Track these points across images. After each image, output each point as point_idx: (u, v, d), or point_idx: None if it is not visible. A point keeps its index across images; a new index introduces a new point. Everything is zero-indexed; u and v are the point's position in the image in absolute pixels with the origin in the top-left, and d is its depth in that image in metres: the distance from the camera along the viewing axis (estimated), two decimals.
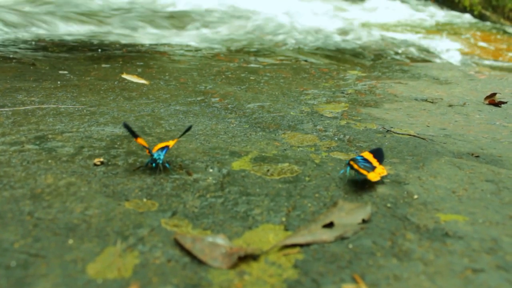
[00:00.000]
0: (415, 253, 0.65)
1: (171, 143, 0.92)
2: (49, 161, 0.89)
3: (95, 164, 0.89)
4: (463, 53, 3.39)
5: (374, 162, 0.90)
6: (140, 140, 0.88)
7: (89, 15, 3.14)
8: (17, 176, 0.81)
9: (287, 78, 1.82)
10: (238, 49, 2.80)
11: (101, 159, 0.91)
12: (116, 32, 2.92)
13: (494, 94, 1.55)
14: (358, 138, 1.13)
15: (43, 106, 1.24)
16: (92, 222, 0.69)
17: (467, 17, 5.15)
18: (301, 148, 1.04)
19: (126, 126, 0.87)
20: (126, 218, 0.71)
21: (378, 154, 0.94)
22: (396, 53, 3.15)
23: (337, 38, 3.42)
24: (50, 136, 1.01)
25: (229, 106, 1.36)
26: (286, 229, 0.70)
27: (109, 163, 0.90)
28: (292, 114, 1.30)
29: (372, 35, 3.60)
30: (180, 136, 0.96)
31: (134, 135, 0.88)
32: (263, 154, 0.98)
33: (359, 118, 1.31)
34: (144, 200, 0.77)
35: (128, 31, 2.99)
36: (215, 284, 0.57)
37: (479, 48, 3.68)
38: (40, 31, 2.74)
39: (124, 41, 2.69)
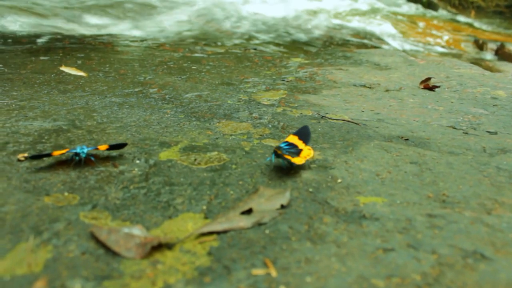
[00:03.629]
0: (329, 236, 0.66)
1: (100, 148, 0.89)
2: None
3: (18, 160, 0.87)
4: (407, 39, 3.46)
5: (300, 144, 0.91)
6: (56, 153, 0.86)
7: (30, 5, 3.04)
8: None
9: (230, 67, 1.82)
10: (185, 38, 2.77)
11: (26, 154, 0.89)
12: (59, 23, 2.84)
13: (429, 79, 1.60)
14: (292, 124, 1.14)
15: None
16: (7, 219, 0.67)
17: (415, 5, 5.25)
18: (233, 137, 1.04)
19: (34, 157, 0.86)
20: (43, 213, 0.69)
21: (304, 134, 0.95)
22: (342, 40, 3.18)
23: (287, 25, 3.43)
24: None
25: (166, 96, 1.35)
26: (206, 217, 0.70)
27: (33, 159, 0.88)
28: (229, 103, 1.30)
29: (320, 23, 3.63)
30: (111, 146, 0.90)
31: (48, 155, 0.86)
32: (193, 144, 0.98)
33: (296, 105, 1.32)
34: (66, 194, 0.76)
35: (72, 21, 2.92)
36: (127, 274, 0.57)
37: (425, 35, 3.76)
38: None
39: (66, 31, 2.62)
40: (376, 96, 1.46)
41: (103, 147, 0.89)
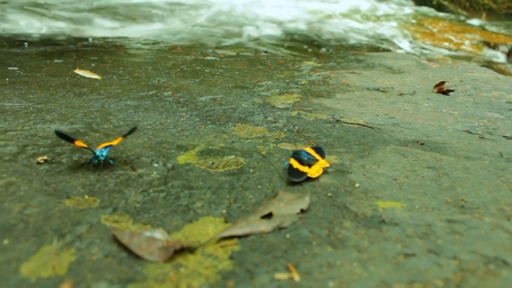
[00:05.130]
0: (350, 241, 0.66)
1: (115, 142, 0.91)
2: None
3: (38, 163, 0.88)
4: (419, 42, 3.46)
5: (317, 156, 0.91)
6: (78, 143, 0.87)
7: (42, 8, 3.07)
8: None
9: (243, 70, 1.83)
10: (197, 41, 2.78)
11: (45, 157, 0.90)
12: (72, 26, 2.86)
13: (443, 83, 1.59)
14: (307, 128, 1.15)
15: None
16: (30, 221, 0.68)
17: (426, 8, 5.24)
18: (249, 140, 1.05)
19: (59, 133, 0.86)
20: (65, 216, 0.70)
21: (320, 150, 0.95)
22: (355, 43, 3.18)
23: (298, 28, 3.43)
24: None
25: (181, 99, 1.36)
26: (226, 221, 0.70)
27: (53, 161, 0.89)
28: (243, 106, 1.31)
29: (332, 26, 3.63)
30: (124, 135, 0.94)
31: (70, 139, 0.87)
32: (210, 147, 0.99)
33: (310, 108, 1.32)
34: (86, 197, 0.76)
35: (84, 25, 2.94)
36: (150, 277, 0.57)
37: (436, 38, 3.75)
38: None
39: (79, 35, 2.64)
40: (390, 100, 1.46)
41: (117, 141, 0.90)
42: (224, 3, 3.81)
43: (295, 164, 0.86)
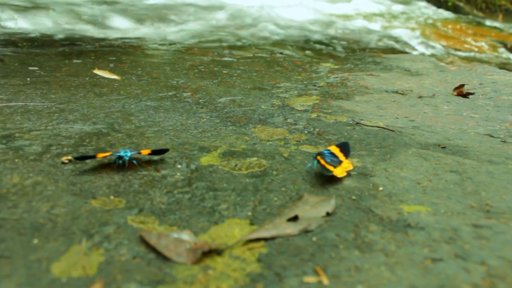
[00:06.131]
0: (377, 245, 0.66)
1: (143, 152, 0.90)
2: (16, 160, 0.88)
3: (63, 162, 0.89)
4: (436, 44, 3.44)
5: (341, 156, 0.91)
6: (100, 155, 0.88)
7: (60, 8, 3.10)
8: None
9: (260, 71, 1.83)
10: (213, 42, 2.79)
11: (69, 157, 0.91)
12: (89, 26, 2.89)
13: (462, 86, 1.58)
14: (327, 131, 1.14)
15: (11, 104, 1.22)
16: (58, 221, 0.69)
17: (441, 10, 5.21)
18: (270, 142, 1.05)
19: (78, 158, 0.87)
20: (93, 216, 0.71)
21: (345, 148, 0.95)
22: (371, 45, 3.17)
23: (313, 30, 3.43)
24: (17, 134, 1.00)
25: (200, 100, 1.36)
26: (251, 224, 0.71)
27: (77, 161, 0.90)
28: (263, 108, 1.31)
29: (347, 27, 3.62)
30: (154, 151, 0.91)
31: (92, 156, 0.88)
32: (232, 149, 0.99)
33: (330, 111, 1.32)
34: (111, 197, 0.77)
35: (102, 25, 2.96)
36: (179, 279, 0.58)
37: (452, 39, 3.73)
38: (9, 25, 2.69)
39: (97, 35, 2.66)
40: (410, 103, 1.45)
41: (145, 152, 0.90)
42: (237, 5, 3.82)
43: (322, 161, 0.86)
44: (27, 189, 0.78)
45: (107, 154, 0.89)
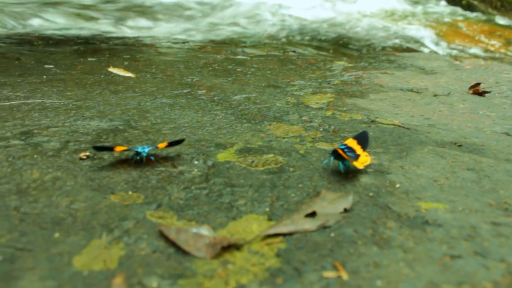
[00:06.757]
0: (395, 241, 0.66)
1: (160, 146, 0.91)
2: (35, 156, 0.89)
3: (81, 158, 0.90)
4: (450, 43, 3.41)
5: (358, 149, 0.91)
6: (118, 148, 0.88)
7: (74, 8, 3.12)
8: (2, 172, 0.82)
9: (274, 69, 1.83)
10: (225, 40, 2.80)
11: (87, 153, 0.92)
12: (102, 25, 2.91)
13: (478, 84, 1.57)
14: (343, 128, 1.14)
15: (28, 101, 1.23)
16: (78, 216, 0.70)
17: (455, 8, 5.17)
18: (286, 139, 1.05)
19: (97, 148, 0.88)
20: (112, 211, 0.71)
21: (362, 139, 0.95)
22: (384, 43, 3.16)
23: (325, 28, 3.42)
24: (35, 131, 1.02)
25: (215, 98, 1.37)
26: (269, 219, 0.71)
27: (95, 157, 0.91)
28: (278, 105, 1.31)
29: (360, 25, 3.60)
30: (170, 143, 0.93)
31: (110, 148, 0.88)
32: (248, 146, 0.99)
33: (345, 108, 1.32)
34: (130, 193, 0.77)
35: (115, 24, 2.98)
36: (199, 273, 0.58)
37: (466, 38, 3.70)
38: (24, 23, 2.72)
39: (110, 33, 2.68)
40: (425, 101, 1.45)
41: (162, 145, 0.91)
42: (249, 3, 3.82)
43: (341, 152, 0.86)
44: (47, 184, 0.78)
45: (125, 148, 0.89)
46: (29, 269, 0.58)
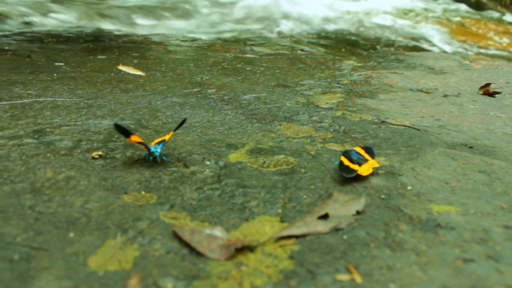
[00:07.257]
0: (408, 244, 0.66)
1: (167, 137, 0.93)
2: (48, 154, 0.90)
3: (93, 158, 0.90)
4: (459, 41, 3.40)
5: (366, 156, 0.91)
6: (134, 138, 0.88)
7: (83, 5, 3.13)
8: (17, 170, 0.83)
9: (283, 68, 1.83)
10: (234, 38, 2.80)
11: (100, 152, 0.92)
12: (111, 22, 2.91)
13: (488, 84, 1.57)
14: (353, 129, 1.14)
15: (40, 99, 1.24)
16: (92, 216, 0.70)
17: (464, 6, 5.14)
18: (296, 140, 1.05)
19: (118, 127, 0.86)
20: (126, 211, 0.72)
21: (369, 150, 0.95)
22: (393, 42, 3.15)
23: (334, 27, 3.42)
24: (48, 129, 1.02)
25: (225, 97, 1.37)
26: (282, 221, 0.71)
27: (107, 156, 0.91)
28: (288, 105, 1.31)
29: (369, 24, 3.60)
30: (175, 129, 0.97)
31: (127, 134, 0.88)
32: (259, 146, 1.00)
33: (355, 109, 1.32)
34: (143, 193, 0.78)
35: (124, 21, 2.98)
36: (214, 275, 0.58)
37: (475, 36, 3.68)
38: (34, 21, 2.73)
39: (119, 31, 2.69)
40: (435, 102, 1.45)
41: (168, 136, 0.92)
42: (257, 1, 3.82)
43: (346, 161, 0.87)
44: (61, 184, 0.79)
45: (140, 140, 0.88)
46: (46, 268, 0.58)
